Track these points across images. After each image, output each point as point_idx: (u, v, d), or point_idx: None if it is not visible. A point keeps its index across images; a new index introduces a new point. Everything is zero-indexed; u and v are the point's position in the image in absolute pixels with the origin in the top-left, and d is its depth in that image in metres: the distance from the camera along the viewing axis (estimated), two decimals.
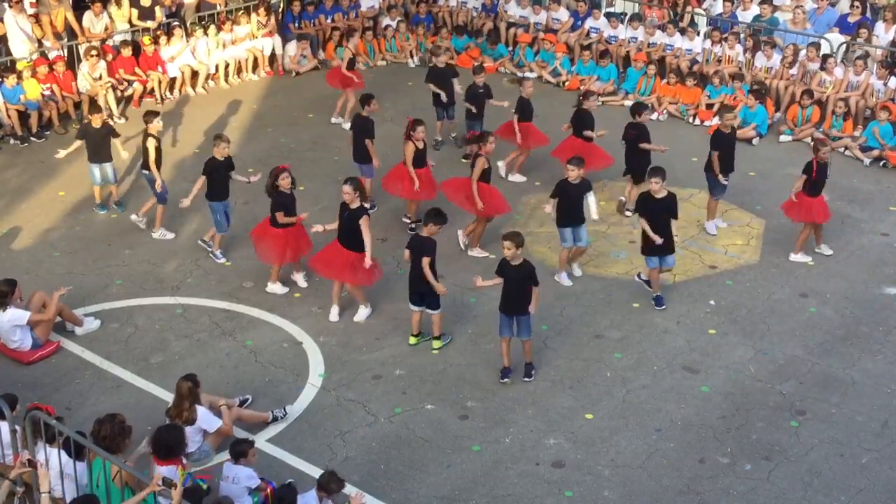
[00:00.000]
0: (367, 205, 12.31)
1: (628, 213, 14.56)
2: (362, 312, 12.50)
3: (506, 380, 11.36)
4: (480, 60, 20.42)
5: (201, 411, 9.95)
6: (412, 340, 11.97)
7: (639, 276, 12.97)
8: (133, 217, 14.43)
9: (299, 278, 13.09)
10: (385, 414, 10.88)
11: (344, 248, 12.14)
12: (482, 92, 16.14)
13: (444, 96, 16.69)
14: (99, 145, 14.60)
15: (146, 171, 14.14)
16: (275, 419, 10.66)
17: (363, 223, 11.96)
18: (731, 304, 12.92)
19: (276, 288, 12.98)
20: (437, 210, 11.82)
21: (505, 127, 15.72)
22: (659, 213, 12.40)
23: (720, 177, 14.06)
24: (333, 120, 17.95)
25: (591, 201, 12.89)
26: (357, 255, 12.06)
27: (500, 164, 15.76)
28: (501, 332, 11.30)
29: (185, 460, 9.26)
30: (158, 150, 14.04)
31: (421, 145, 14.01)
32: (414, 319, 11.93)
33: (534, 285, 11.04)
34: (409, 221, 14.38)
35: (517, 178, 15.87)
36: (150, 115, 14.16)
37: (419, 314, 11.87)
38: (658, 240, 12.28)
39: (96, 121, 14.63)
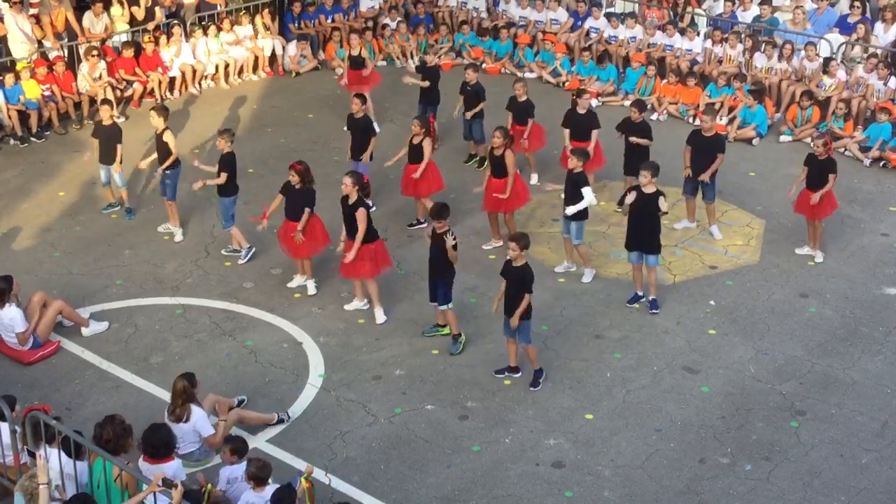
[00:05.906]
0: (369, 202, 12.29)
1: (617, 210, 14.53)
2: (380, 314, 12.45)
3: (500, 375, 11.40)
4: (482, 60, 20.43)
5: (198, 413, 9.88)
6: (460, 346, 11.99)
7: (636, 296, 12.92)
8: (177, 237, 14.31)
9: (310, 284, 13.02)
10: (385, 414, 10.88)
11: (351, 244, 12.11)
12: (470, 90, 16.05)
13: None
14: (105, 146, 14.40)
15: (168, 171, 13.90)
16: (280, 421, 10.66)
17: (359, 215, 11.90)
18: (731, 304, 12.91)
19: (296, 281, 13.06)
20: (443, 205, 11.71)
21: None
22: (645, 207, 12.38)
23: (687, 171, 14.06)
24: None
25: (586, 195, 12.85)
26: (367, 246, 12.07)
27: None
28: (505, 331, 11.34)
29: (220, 486, 9.21)
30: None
31: (416, 141, 13.98)
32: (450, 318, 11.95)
33: (526, 291, 10.91)
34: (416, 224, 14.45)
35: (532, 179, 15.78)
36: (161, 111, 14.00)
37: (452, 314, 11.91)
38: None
39: (107, 117, 14.42)
